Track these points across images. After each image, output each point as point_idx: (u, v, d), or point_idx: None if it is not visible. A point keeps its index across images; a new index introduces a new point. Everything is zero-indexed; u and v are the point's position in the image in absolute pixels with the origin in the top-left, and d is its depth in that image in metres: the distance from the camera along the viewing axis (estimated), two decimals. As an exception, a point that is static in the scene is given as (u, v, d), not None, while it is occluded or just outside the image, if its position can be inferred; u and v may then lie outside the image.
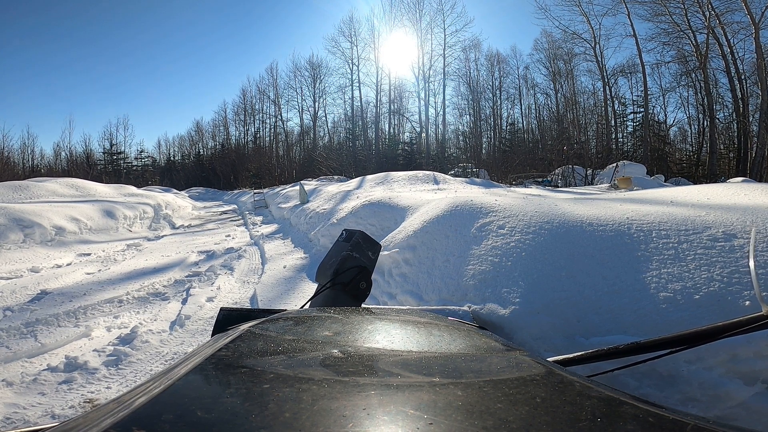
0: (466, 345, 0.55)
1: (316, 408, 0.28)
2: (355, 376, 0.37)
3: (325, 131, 36.65)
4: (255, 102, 38.97)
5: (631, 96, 27.54)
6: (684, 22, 22.52)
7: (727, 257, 1.48)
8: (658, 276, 1.50)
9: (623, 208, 2.12)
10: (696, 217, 1.79)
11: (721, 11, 20.70)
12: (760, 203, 1.95)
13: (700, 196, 2.37)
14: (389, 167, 21.94)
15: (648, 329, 1.33)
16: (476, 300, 1.77)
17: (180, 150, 46.67)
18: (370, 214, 4.78)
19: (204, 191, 28.94)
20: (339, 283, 1.05)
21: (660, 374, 1.27)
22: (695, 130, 26.23)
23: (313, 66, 35.54)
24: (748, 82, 21.38)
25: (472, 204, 2.58)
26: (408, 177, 10.42)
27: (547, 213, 2.16)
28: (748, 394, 1.18)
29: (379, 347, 0.49)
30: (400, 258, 2.61)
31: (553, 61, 29.26)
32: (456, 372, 0.40)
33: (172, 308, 3.54)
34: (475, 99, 32.17)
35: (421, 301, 2.20)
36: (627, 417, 0.31)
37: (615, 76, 27.11)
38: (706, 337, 0.56)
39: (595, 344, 1.35)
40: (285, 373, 0.36)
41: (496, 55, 32.43)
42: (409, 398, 0.32)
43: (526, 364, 0.45)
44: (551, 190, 9.48)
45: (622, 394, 0.36)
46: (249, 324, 0.60)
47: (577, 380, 0.39)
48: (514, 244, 1.95)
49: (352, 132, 34.21)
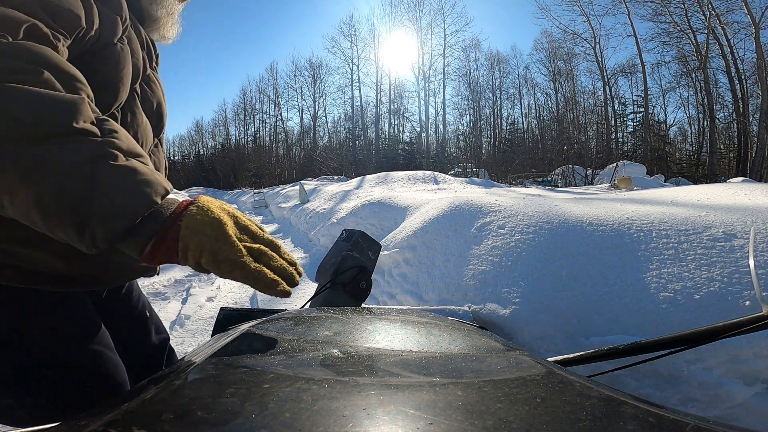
0: (466, 345, 0.55)
1: (316, 408, 0.28)
2: (355, 376, 0.37)
3: (325, 131, 36.70)
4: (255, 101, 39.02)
5: (631, 96, 27.59)
6: (684, 21, 22.54)
7: (727, 257, 1.48)
8: (659, 276, 1.50)
9: (623, 208, 2.12)
10: (696, 217, 1.79)
11: (722, 11, 20.71)
12: (760, 203, 1.95)
13: (700, 196, 2.37)
14: (389, 167, 21.95)
15: (649, 329, 1.33)
16: (476, 300, 1.77)
17: (180, 150, 46.77)
18: (370, 213, 4.78)
19: (204, 191, 28.95)
20: (339, 283, 1.05)
21: (660, 374, 1.27)
22: (695, 130, 26.27)
23: (313, 66, 35.62)
24: (749, 82, 21.39)
25: (472, 204, 2.58)
26: (408, 177, 10.42)
27: (547, 213, 2.16)
28: (748, 394, 1.18)
29: (379, 347, 0.49)
30: (400, 258, 2.61)
31: (553, 60, 29.29)
32: (456, 372, 0.40)
33: (172, 308, 3.54)
34: (475, 99, 32.22)
35: (421, 301, 2.20)
36: (627, 417, 0.31)
37: (615, 76, 27.16)
38: (707, 337, 0.56)
39: (595, 344, 1.35)
40: (285, 373, 0.36)
41: (496, 54, 32.52)
42: (409, 398, 0.32)
43: (526, 364, 0.45)
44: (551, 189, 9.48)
45: (622, 394, 0.36)
46: (249, 324, 0.60)
47: (578, 380, 0.39)
48: (514, 244, 1.95)
49: (352, 132, 34.23)
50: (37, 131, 0.41)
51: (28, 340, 0.60)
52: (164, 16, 0.81)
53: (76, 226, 0.41)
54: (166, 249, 0.44)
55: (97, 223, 0.41)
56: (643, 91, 25.48)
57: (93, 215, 0.41)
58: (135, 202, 0.43)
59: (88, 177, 0.41)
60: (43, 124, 0.41)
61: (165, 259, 0.44)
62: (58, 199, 0.40)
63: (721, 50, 21.71)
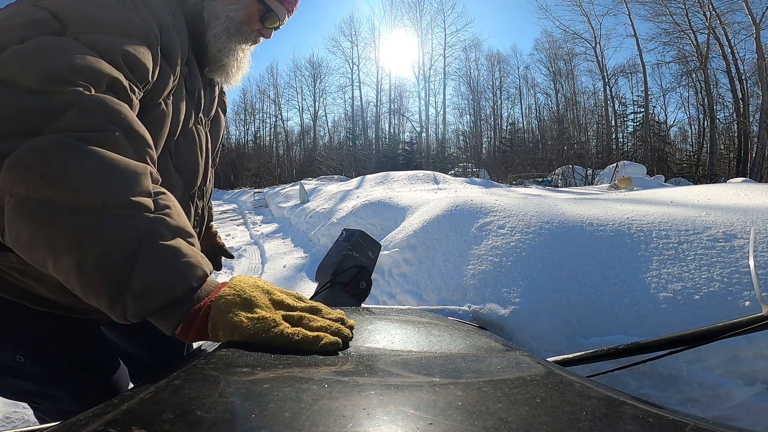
0: (466, 345, 0.55)
1: (316, 408, 0.28)
2: (354, 375, 0.37)
3: (325, 131, 36.70)
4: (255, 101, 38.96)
5: (632, 96, 27.57)
6: (685, 22, 22.53)
7: (727, 257, 1.48)
8: (659, 276, 1.50)
9: (623, 208, 2.12)
10: (696, 218, 1.79)
11: (722, 11, 20.71)
12: (760, 204, 1.95)
13: (700, 197, 2.37)
14: (389, 167, 21.95)
15: (649, 329, 1.33)
16: (476, 300, 1.77)
17: (180, 149, 46.58)
18: (370, 213, 4.78)
19: (204, 190, 28.87)
20: (338, 283, 1.05)
21: (660, 374, 1.27)
22: (695, 131, 26.26)
23: (314, 65, 35.59)
24: (749, 83, 21.39)
25: (472, 204, 2.57)
26: (408, 176, 10.42)
27: (547, 213, 2.16)
28: (748, 394, 1.18)
29: (378, 347, 0.49)
30: (400, 257, 2.61)
31: (553, 60, 29.28)
32: (456, 372, 0.40)
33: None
34: (475, 99, 32.22)
35: (420, 301, 2.20)
36: (627, 417, 0.31)
37: (615, 76, 27.14)
38: (707, 337, 0.56)
39: (595, 344, 1.35)
40: (285, 373, 0.36)
41: (497, 54, 32.51)
42: (409, 398, 0.32)
43: (526, 364, 0.45)
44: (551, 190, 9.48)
45: (622, 394, 0.36)
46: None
47: (577, 380, 0.39)
48: (514, 244, 1.95)
49: (352, 131, 34.22)
50: (94, 201, 0.41)
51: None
52: (232, 62, 0.79)
53: (110, 298, 0.41)
54: (196, 330, 0.44)
55: (131, 298, 0.41)
56: (644, 91, 25.48)
57: (129, 290, 0.41)
58: (172, 284, 0.43)
59: (131, 253, 0.41)
60: (102, 194, 0.41)
61: (197, 338, 0.44)
62: (98, 269, 0.40)
63: (721, 50, 21.70)
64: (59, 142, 0.41)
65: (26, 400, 0.69)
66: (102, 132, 0.43)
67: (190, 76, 0.72)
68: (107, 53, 0.49)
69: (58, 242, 0.40)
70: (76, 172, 0.40)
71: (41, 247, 0.40)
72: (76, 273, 0.40)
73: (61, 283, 0.42)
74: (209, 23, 0.74)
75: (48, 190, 0.40)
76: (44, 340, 0.64)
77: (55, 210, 0.40)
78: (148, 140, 0.49)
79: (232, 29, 0.76)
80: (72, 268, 0.40)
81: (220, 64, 0.78)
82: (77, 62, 0.45)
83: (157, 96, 0.61)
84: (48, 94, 0.43)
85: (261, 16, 0.79)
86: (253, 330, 0.43)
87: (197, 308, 0.44)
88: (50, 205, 0.40)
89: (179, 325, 0.44)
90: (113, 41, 0.51)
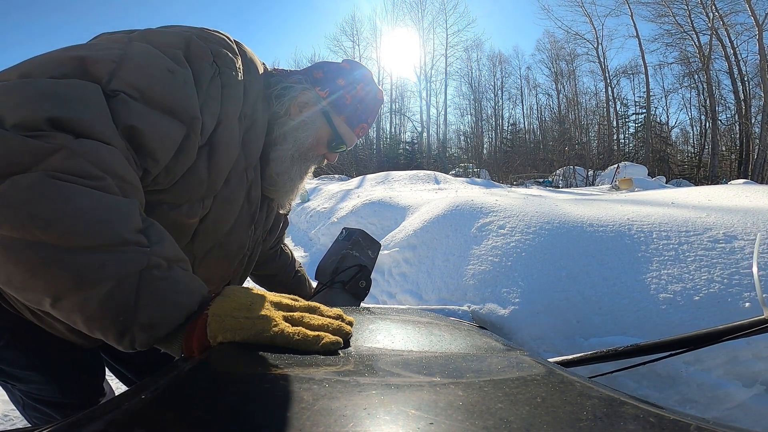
0: (466, 345, 0.55)
1: (316, 407, 0.28)
2: (355, 375, 0.37)
3: (326, 130, 36.58)
4: (256, 100, 38.87)
5: (633, 97, 27.55)
6: (687, 23, 22.49)
7: (727, 259, 1.48)
8: (659, 277, 1.50)
9: (624, 209, 2.12)
10: (697, 219, 1.79)
11: (725, 12, 20.66)
12: (761, 205, 1.95)
13: (701, 198, 2.37)
14: (390, 166, 21.94)
15: (648, 330, 1.33)
16: (476, 300, 1.77)
17: (181, 147, 46.60)
18: (370, 213, 4.77)
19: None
20: (338, 282, 1.05)
21: (659, 375, 1.27)
22: (697, 132, 26.25)
23: (315, 64, 35.46)
24: (751, 84, 21.34)
25: (473, 204, 2.57)
26: (409, 176, 10.40)
27: (548, 213, 2.16)
28: (747, 395, 1.18)
29: (379, 347, 0.49)
30: (400, 257, 2.61)
31: (555, 61, 29.25)
32: (456, 372, 0.40)
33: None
34: (476, 99, 32.20)
35: (420, 301, 2.20)
36: (627, 417, 0.31)
37: (617, 77, 27.12)
38: (708, 339, 0.55)
39: (594, 345, 1.35)
40: (285, 372, 0.36)
41: (498, 55, 32.52)
42: (410, 398, 0.32)
43: (527, 364, 0.45)
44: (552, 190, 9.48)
45: (622, 394, 0.36)
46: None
47: (578, 380, 0.39)
48: (514, 244, 1.95)
49: (353, 131, 34.13)
50: (90, 241, 0.40)
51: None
52: (289, 187, 0.75)
53: (118, 333, 0.42)
54: (198, 339, 0.44)
55: (139, 330, 0.42)
56: (646, 92, 25.45)
57: (136, 323, 0.42)
58: (176, 312, 0.44)
59: (133, 288, 0.42)
60: (97, 232, 0.40)
61: (201, 348, 0.44)
62: (104, 307, 0.40)
63: (724, 52, 21.66)
64: (44, 179, 0.39)
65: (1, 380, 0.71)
66: (91, 180, 0.42)
67: (255, 185, 0.69)
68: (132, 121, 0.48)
69: (56, 284, 0.39)
70: (66, 211, 0.39)
71: (38, 289, 0.39)
72: (79, 311, 0.40)
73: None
74: (276, 143, 0.71)
75: (39, 232, 0.38)
76: (21, 327, 0.65)
77: (51, 252, 0.38)
78: (138, 188, 0.48)
79: (297, 156, 0.72)
80: (74, 307, 0.40)
81: (276, 187, 0.74)
82: (83, 115, 0.44)
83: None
84: (38, 137, 0.41)
85: (329, 141, 0.75)
86: (253, 330, 0.43)
87: (193, 323, 0.45)
88: (44, 247, 0.38)
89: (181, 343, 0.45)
90: (147, 113, 0.50)
